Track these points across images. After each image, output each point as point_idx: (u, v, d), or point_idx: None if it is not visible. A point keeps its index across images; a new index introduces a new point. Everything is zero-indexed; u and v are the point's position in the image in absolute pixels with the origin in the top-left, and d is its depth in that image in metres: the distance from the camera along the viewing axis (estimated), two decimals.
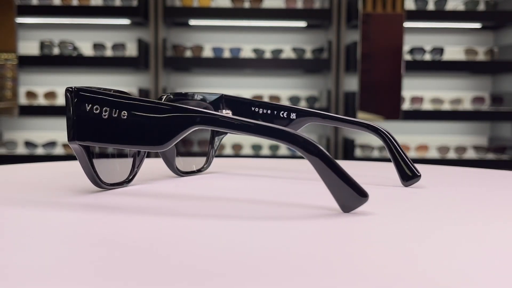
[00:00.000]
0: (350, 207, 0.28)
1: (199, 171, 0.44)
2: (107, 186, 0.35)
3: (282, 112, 0.40)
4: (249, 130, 0.28)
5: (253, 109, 0.41)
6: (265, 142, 2.50)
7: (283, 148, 2.51)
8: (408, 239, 0.24)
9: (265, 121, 0.40)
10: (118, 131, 0.31)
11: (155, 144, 0.31)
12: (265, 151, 2.51)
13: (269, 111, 0.41)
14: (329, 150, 2.43)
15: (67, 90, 0.31)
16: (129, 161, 0.37)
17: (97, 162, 0.33)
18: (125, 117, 0.31)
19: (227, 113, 0.43)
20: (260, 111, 0.41)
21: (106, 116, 0.31)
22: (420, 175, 0.35)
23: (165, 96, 0.39)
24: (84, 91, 0.31)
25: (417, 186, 0.36)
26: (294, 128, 0.40)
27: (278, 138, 0.28)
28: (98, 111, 0.31)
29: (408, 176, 0.35)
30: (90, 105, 0.31)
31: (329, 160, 0.27)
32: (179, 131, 0.30)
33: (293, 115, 0.40)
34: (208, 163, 0.45)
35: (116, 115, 0.31)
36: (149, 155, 0.41)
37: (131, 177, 0.37)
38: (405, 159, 0.36)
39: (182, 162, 0.43)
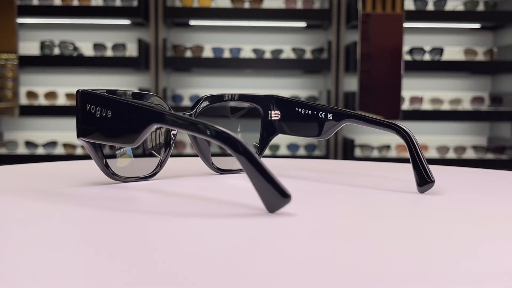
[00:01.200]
0: (274, 207, 0.28)
1: (241, 170, 0.44)
2: (121, 179, 0.37)
3: (321, 112, 0.40)
4: (186, 128, 0.31)
5: (296, 109, 0.42)
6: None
7: (283, 148, 2.52)
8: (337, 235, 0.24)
9: (306, 121, 0.42)
10: (104, 128, 0.34)
11: (128, 142, 0.33)
12: (265, 151, 2.50)
13: (309, 111, 0.41)
14: (329, 150, 2.44)
15: (76, 91, 0.34)
16: (156, 157, 0.40)
17: (115, 156, 0.37)
18: (109, 115, 0.33)
19: (276, 114, 0.43)
20: (303, 112, 0.41)
21: (98, 115, 0.34)
22: (433, 181, 0.34)
23: (203, 98, 0.41)
24: (86, 92, 0.34)
25: (431, 192, 0.35)
26: (331, 129, 0.40)
27: (207, 136, 0.29)
28: (93, 111, 0.34)
29: (422, 181, 0.34)
30: (88, 105, 0.34)
31: (254, 159, 0.27)
32: (142, 128, 0.32)
33: (329, 116, 0.40)
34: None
35: (104, 114, 0.33)
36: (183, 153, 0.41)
37: (153, 172, 0.40)
38: (422, 163, 0.34)
39: (223, 160, 0.43)
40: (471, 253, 0.22)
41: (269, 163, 0.53)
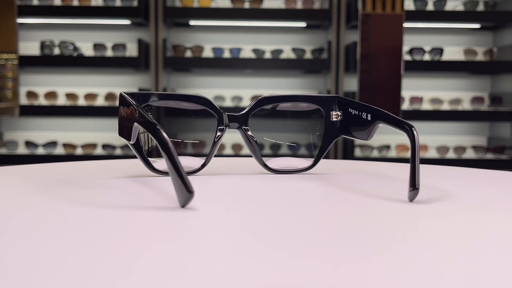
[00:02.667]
0: (183, 202, 0.29)
1: (299, 171, 0.44)
2: (161, 173, 0.40)
3: (365, 113, 0.40)
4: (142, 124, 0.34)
5: (349, 110, 0.42)
6: (266, 143, 2.50)
7: (284, 148, 2.51)
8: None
9: (352, 120, 0.42)
10: (128, 127, 0.37)
11: (129, 140, 0.37)
12: (265, 150, 2.51)
13: (357, 112, 0.41)
14: (329, 150, 2.43)
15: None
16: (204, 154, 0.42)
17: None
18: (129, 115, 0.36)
19: (336, 114, 0.43)
20: (353, 112, 0.42)
21: (124, 115, 0.37)
22: (417, 188, 0.31)
23: (259, 99, 0.42)
24: (122, 94, 0.37)
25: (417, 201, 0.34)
26: (367, 130, 0.40)
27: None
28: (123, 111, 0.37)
29: (410, 187, 0.32)
30: (121, 106, 0.37)
31: (171, 156, 0.29)
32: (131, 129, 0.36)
33: (369, 116, 0.40)
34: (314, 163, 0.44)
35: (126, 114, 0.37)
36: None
37: (198, 168, 0.42)
38: (415, 168, 0.32)
39: (279, 161, 0.43)
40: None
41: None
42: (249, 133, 0.42)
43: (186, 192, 0.28)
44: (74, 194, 0.34)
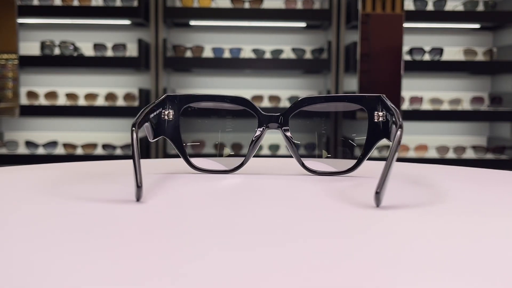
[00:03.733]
0: (136, 195, 0.31)
1: (338, 173, 0.42)
2: (201, 171, 0.43)
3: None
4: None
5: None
6: (265, 143, 2.51)
7: (283, 148, 2.52)
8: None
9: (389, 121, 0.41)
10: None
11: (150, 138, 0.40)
12: (265, 151, 2.51)
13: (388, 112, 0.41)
14: (328, 149, 2.43)
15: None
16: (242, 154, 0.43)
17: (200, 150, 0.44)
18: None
19: (380, 115, 0.41)
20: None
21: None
22: (377, 192, 0.30)
23: (299, 100, 0.42)
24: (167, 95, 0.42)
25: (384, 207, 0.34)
26: (392, 131, 0.40)
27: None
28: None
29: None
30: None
31: (133, 150, 0.32)
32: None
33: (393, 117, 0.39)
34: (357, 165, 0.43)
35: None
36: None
37: (235, 167, 0.43)
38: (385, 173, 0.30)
39: (319, 162, 0.43)
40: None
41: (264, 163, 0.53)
42: (288, 133, 0.42)
43: (136, 186, 0.30)
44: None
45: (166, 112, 0.41)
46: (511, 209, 0.31)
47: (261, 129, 0.42)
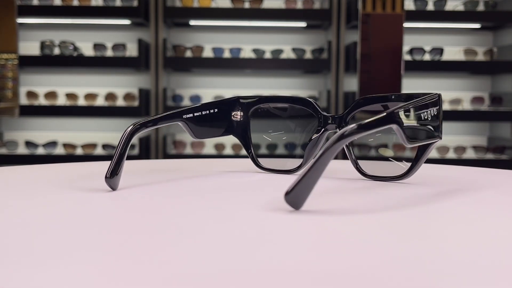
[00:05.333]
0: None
1: (394, 178, 0.40)
2: (266, 170, 0.44)
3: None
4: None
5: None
6: (264, 142, 2.50)
7: (281, 148, 2.52)
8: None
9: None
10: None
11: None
12: (263, 150, 2.51)
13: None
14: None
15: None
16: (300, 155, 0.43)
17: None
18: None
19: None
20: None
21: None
22: (287, 193, 0.29)
23: (356, 100, 0.42)
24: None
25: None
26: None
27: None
28: None
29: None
30: None
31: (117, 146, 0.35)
32: None
33: None
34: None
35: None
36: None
37: (294, 168, 0.43)
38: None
39: (374, 165, 0.42)
40: None
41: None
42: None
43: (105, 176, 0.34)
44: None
45: (238, 113, 0.44)
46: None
47: (319, 129, 0.41)
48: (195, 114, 0.41)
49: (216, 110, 0.43)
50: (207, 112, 0.42)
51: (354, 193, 0.37)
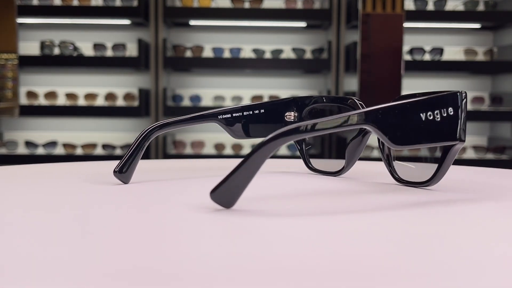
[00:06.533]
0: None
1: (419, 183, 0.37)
2: (314, 171, 0.45)
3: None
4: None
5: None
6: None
7: (283, 148, 2.52)
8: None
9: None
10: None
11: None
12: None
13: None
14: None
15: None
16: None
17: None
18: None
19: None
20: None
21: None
22: (211, 192, 0.28)
23: (397, 98, 0.39)
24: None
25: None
26: None
27: None
28: None
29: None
30: None
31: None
32: None
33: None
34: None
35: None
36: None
37: (339, 170, 0.43)
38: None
39: (405, 168, 0.40)
40: None
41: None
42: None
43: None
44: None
45: (292, 114, 0.44)
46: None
47: (360, 132, 0.41)
48: (245, 113, 0.42)
49: (267, 110, 0.43)
50: (258, 112, 0.43)
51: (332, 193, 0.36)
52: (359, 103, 0.41)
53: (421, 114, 0.32)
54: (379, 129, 0.31)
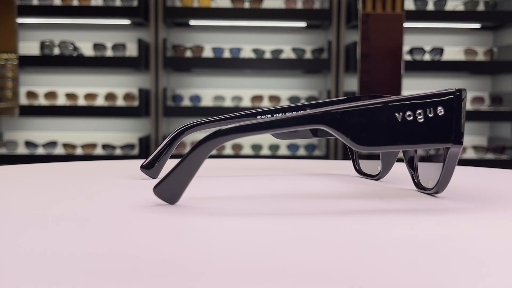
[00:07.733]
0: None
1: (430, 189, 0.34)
2: (360, 173, 0.44)
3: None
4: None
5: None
6: (265, 143, 2.51)
7: (283, 148, 2.52)
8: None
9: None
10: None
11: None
12: (265, 151, 2.51)
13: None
14: (328, 150, 2.44)
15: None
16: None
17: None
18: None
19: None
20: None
21: None
22: (154, 187, 0.30)
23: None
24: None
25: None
26: None
27: None
28: None
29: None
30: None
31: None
32: None
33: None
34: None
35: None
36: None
37: (377, 173, 0.41)
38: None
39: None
40: None
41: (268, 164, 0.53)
42: None
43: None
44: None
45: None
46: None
47: None
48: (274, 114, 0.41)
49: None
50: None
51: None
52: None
53: (396, 114, 0.29)
54: (336, 130, 0.29)
